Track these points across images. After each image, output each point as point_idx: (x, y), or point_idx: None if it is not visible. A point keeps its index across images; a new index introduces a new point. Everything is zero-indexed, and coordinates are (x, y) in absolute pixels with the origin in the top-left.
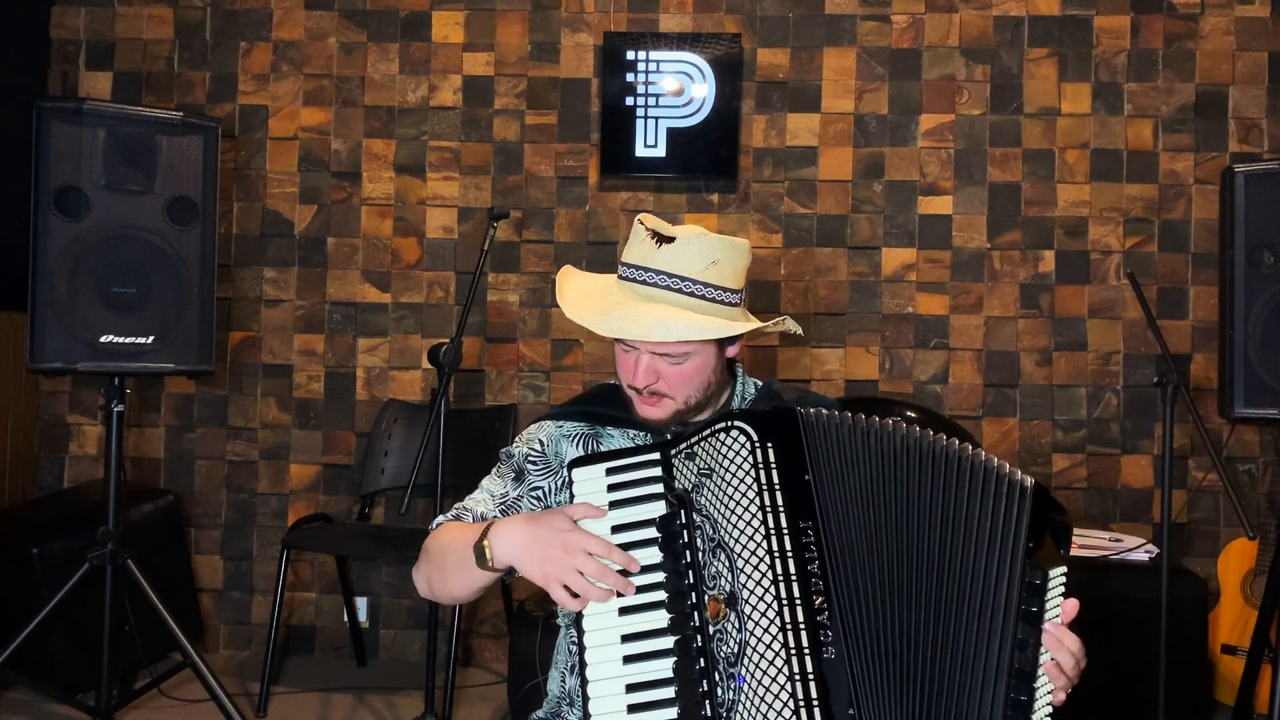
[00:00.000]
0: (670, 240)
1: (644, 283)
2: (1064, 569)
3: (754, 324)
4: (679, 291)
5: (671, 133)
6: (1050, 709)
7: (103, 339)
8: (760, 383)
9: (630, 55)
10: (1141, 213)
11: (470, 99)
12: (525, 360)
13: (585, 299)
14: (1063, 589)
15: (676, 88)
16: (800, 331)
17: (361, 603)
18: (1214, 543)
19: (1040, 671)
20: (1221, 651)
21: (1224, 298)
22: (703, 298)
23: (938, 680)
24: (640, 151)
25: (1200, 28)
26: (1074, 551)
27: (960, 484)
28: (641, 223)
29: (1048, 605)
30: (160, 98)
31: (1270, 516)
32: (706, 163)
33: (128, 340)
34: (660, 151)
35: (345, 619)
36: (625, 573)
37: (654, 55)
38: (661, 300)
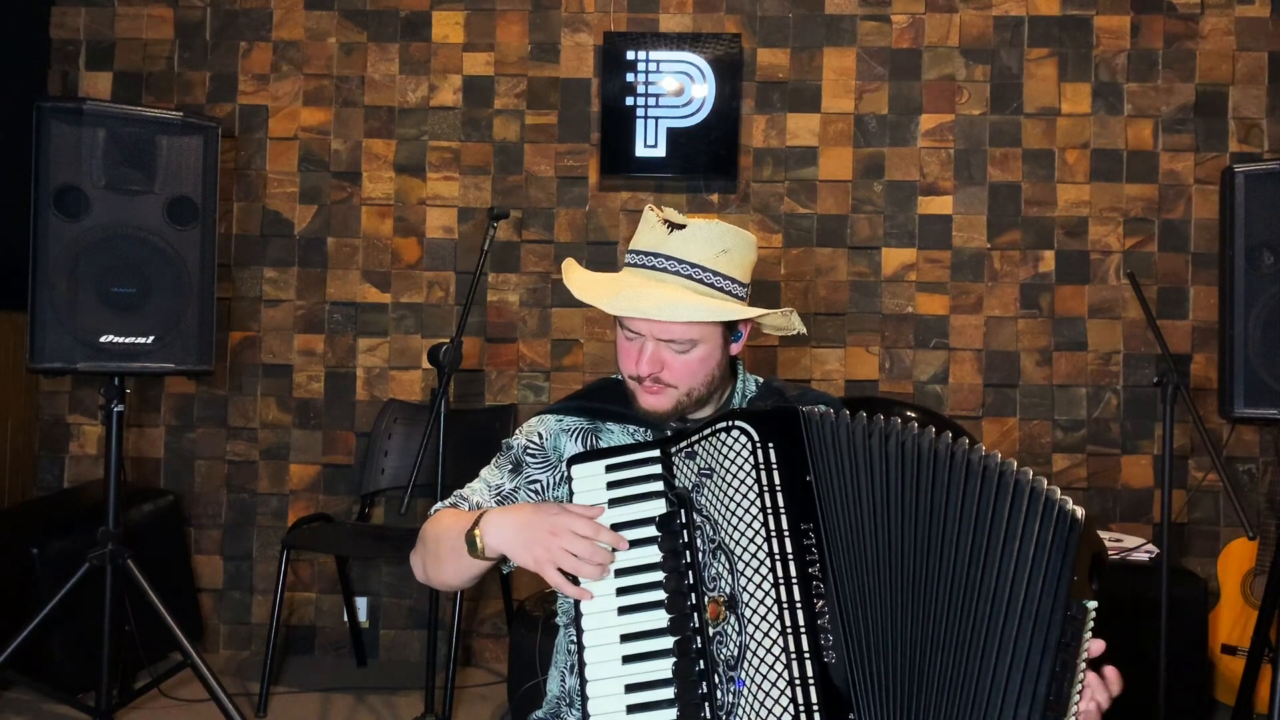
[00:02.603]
0: (682, 227)
1: (654, 268)
2: (1096, 604)
3: (759, 310)
4: (689, 278)
5: (671, 133)
6: None
7: (103, 339)
8: (761, 380)
9: (630, 55)
10: (1141, 213)
11: (470, 99)
12: (525, 360)
13: (595, 284)
14: (1093, 624)
15: (676, 88)
16: (804, 330)
17: (361, 603)
18: (1214, 543)
19: (1072, 705)
20: (1221, 651)
21: (1224, 298)
22: (712, 285)
23: (955, 694)
24: (640, 151)
25: (1200, 28)
26: None
27: (1001, 499)
28: (653, 210)
29: (1084, 639)
30: (160, 98)
31: (1270, 516)
32: (706, 163)
33: (128, 340)
34: (660, 151)
35: (345, 619)
36: (620, 572)
37: (654, 55)
38: (672, 284)
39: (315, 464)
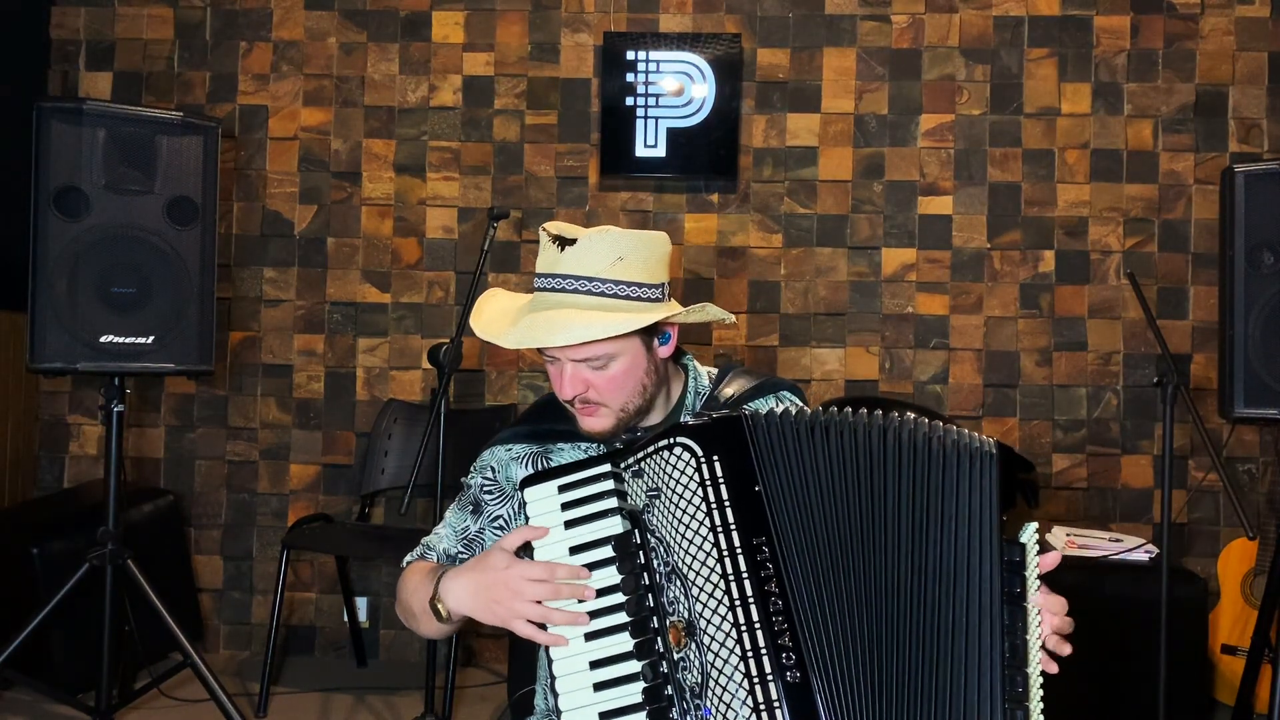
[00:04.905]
0: (572, 242)
1: (551, 289)
2: (1034, 526)
3: (662, 312)
4: (587, 293)
5: (671, 133)
6: (1042, 685)
7: (103, 339)
8: (715, 371)
9: (630, 55)
10: (1141, 213)
11: (470, 99)
12: (525, 360)
13: (501, 317)
14: (1037, 547)
15: (676, 88)
16: (732, 320)
17: (361, 603)
18: (1214, 543)
19: (1032, 655)
20: (1221, 651)
21: (1224, 298)
22: (614, 295)
23: (926, 685)
24: (640, 151)
25: (1200, 28)
26: (1074, 551)
27: (932, 468)
28: (545, 230)
29: (1028, 578)
30: (160, 98)
31: (1270, 516)
32: (706, 163)
33: (128, 340)
34: (660, 151)
35: (345, 619)
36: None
37: (654, 55)
38: (569, 304)
39: (315, 464)
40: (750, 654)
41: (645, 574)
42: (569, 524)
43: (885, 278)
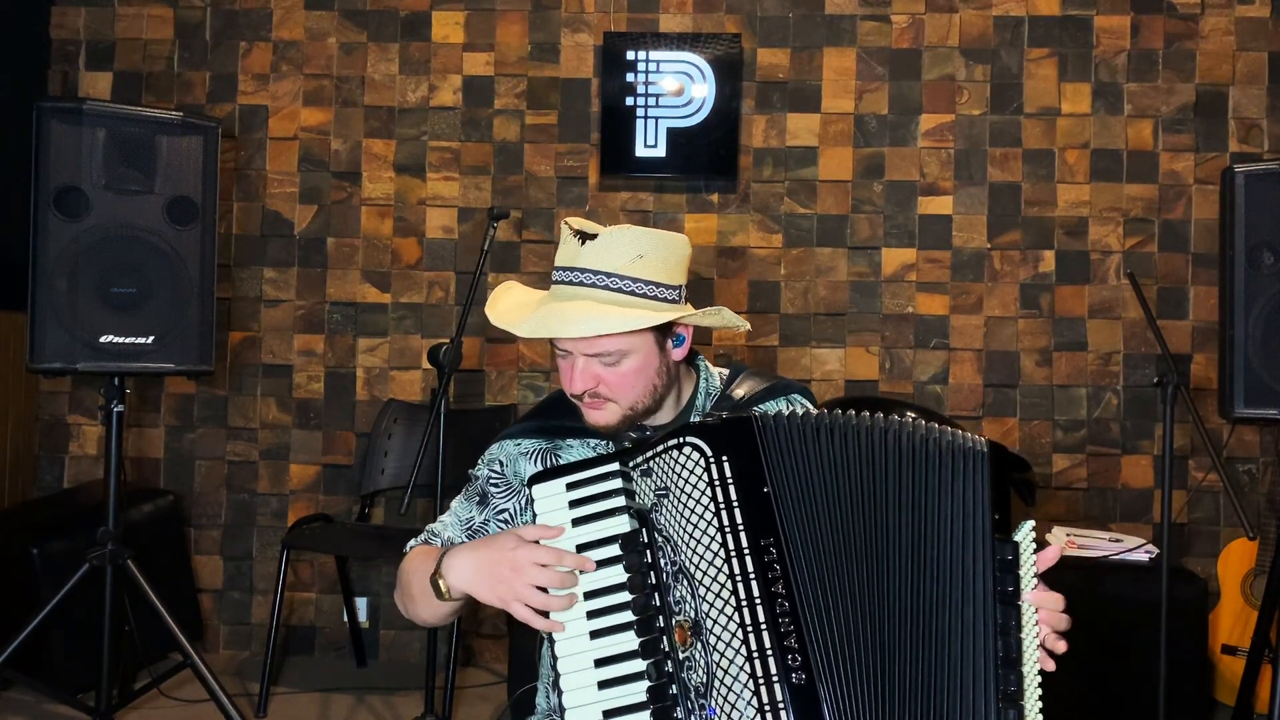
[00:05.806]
0: (593, 237)
1: (570, 283)
2: (1031, 524)
3: (678, 313)
4: (605, 288)
5: (671, 133)
6: (1040, 683)
7: (103, 339)
8: (726, 372)
9: (630, 55)
10: (1141, 213)
11: (470, 99)
12: (525, 360)
13: (516, 309)
14: (1034, 545)
15: (676, 88)
16: (747, 326)
17: (361, 603)
18: (1214, 543)
19: (1027, 653)
20: (1221, 651)
21: (1224, 298)
22: (631, 293)
23: (924, 686)
24: (640, 151)
25: (1200, 28)
26: (1074, 552)
27: (929, 469)
28: (567, 224)
29: (1023, 576)
30: (160, 98)
31: (1270, 516)
32: (706, 163)
33: (128, 340)
34: (660, 151)
35: (345, 619)
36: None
37: (654, 55)
38: (586, 298)
39: (315, 464)
40: (756, 655)
41: (652, 573)
42: (576, 521)
43: (885, 278)
